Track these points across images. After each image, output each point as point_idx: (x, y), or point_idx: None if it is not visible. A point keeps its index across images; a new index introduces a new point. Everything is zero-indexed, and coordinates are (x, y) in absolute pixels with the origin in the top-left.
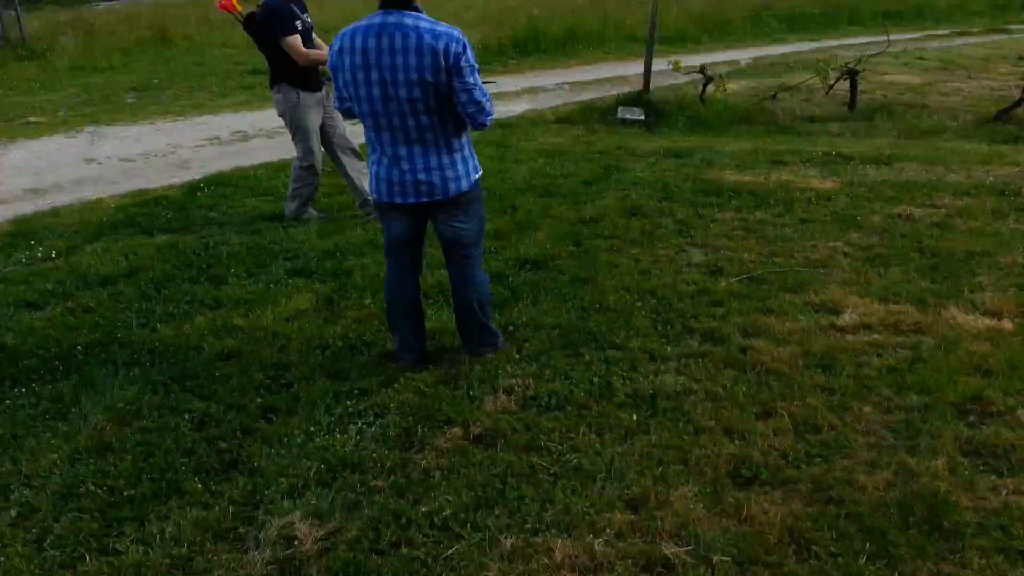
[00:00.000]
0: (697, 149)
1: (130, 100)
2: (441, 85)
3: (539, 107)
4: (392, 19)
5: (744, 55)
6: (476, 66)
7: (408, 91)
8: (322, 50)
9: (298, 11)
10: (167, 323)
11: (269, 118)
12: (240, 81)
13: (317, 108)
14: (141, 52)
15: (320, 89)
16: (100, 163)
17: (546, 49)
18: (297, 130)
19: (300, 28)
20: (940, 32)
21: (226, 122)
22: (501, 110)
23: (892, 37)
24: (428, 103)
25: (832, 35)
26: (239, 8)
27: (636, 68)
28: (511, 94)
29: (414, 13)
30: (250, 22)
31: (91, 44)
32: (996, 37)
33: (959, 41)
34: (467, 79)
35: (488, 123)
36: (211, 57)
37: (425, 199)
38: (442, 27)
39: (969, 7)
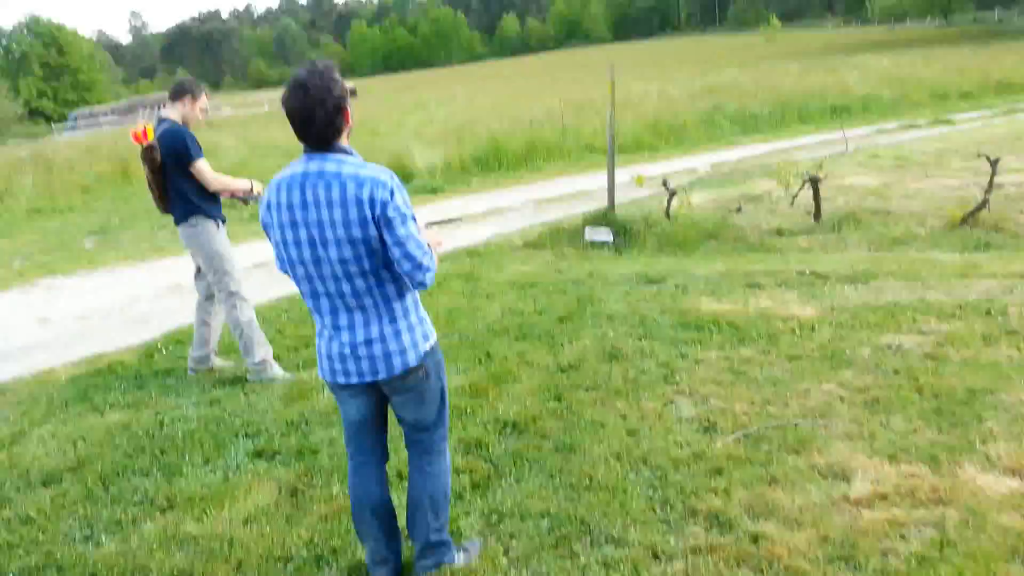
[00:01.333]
0: (670, 273)
1: (88, 246)
2: (372, 240)
3: (506, 230)
4: (314, 166)
5: (701, 161)
6: (409, 213)
7: (337, 250)
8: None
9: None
10: (113, 534)
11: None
12: None
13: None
14: (101, 190)
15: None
16: (54, 322)
17: (508, 165)
18: (216, 258)
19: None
20: (889, 126)
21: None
22: (469, 235)
23: (840, 134)
24: (361, 263)
25: (784, 134)
26: (152, 139)
27: (597, 181)
28: (477, 216)
29: (338, 156)
30: (149, 152)
31: (51, 182)
32: (943, 129)
33: (908, 135)
34: (397, 231)
35: (428, 282)
36: None
37: (368, 378)
38: (368, 170)
39: (911, 98)
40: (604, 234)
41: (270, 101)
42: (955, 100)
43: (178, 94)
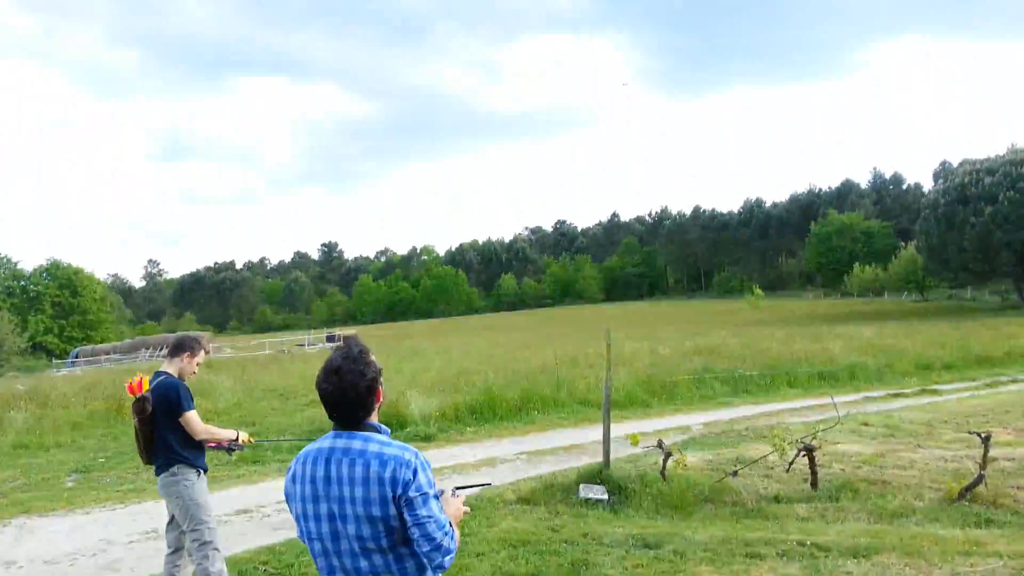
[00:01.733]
0: (667, 537)
1: (69, 484)
2: (391, 519)
3: (499, 482)
4: (341, 443)
5: (694, 420)
6: (431, 493)
7: (356, 527)
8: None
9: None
10: None
11: (213, 503)
12: None
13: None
14: (92, 427)
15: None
16: (21, 566)
17: (502, 415)
18: (193, 506)
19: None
20: (876, 394)
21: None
22: (461, 483)
23: (829, 400)
24: (379, 541)
25: (774, 398)
26: (146, 390)
27: (591, 435)
28: (469, 466)
29: (364, 434)
30: (141, 404)
31: (42, 418)
32: (930, 399)
33: (897, 404)
34: (417, 511)
35: (447, 564)
36: None
37: None
38: (392, 448)
39: (897, 368)
40: (599, 492)
41: (271, 344)
42: (939, 371)
43: (177, 350)
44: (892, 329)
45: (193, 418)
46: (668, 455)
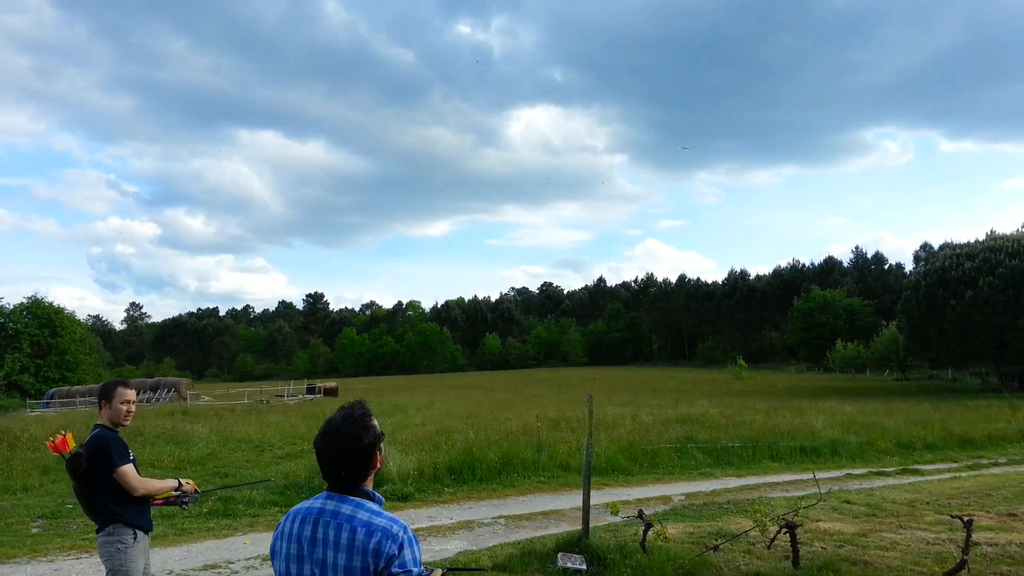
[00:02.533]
0: None
1: (35, 529)
2: None
3: (475, 547)
4: (331, 505)
5: (675, 490)
6: (416, 571)
7: None
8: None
9: (128, 447)
10: None
11: (180, 557)
12: (160, 509)
13: (145, 553)
14: (62, 470)
15: (152, 527)
16: None
17: (482, 477)
18: (119, 572)
19: (132, 459)
20: (858, 471)
21: None
22: (436, 548)
23: (811, 475)
24: None
25: (756, 471)
26: (72, 447)
27: (571, 501)
28: (446, 528)
29: (356, 500)
30: (75, 461)
31: (11, 460)
32: (912, 479)
33: (879, 483)
34: None
35: None
36: None
37: None
38: (382, 520)
39: (878, 445)
40: (578, 561)
41: (250, 394)
42: (920, 451)
43: (99, 399)
44: (873, 407)
45: (127, 473)
46: (649, 526)
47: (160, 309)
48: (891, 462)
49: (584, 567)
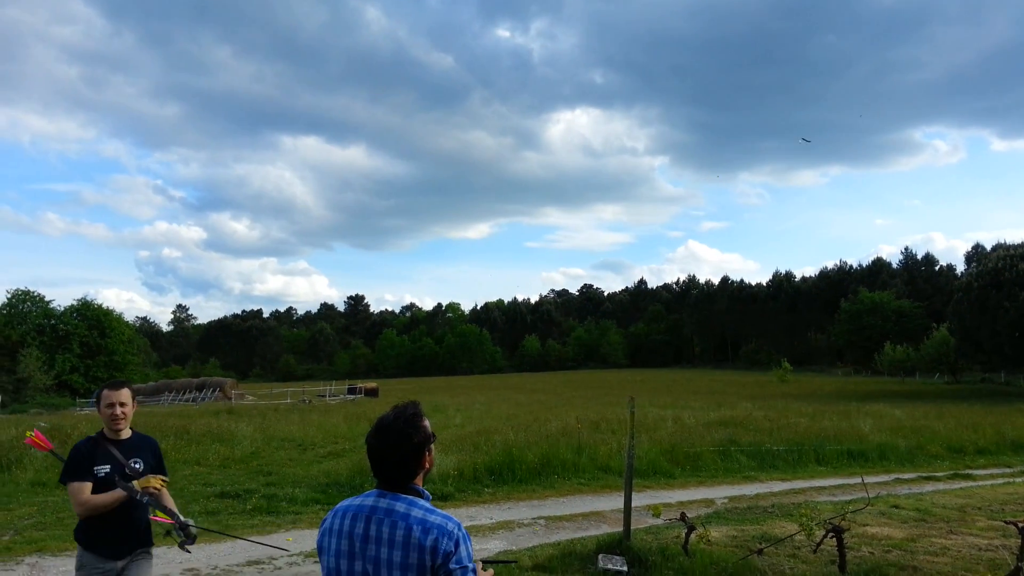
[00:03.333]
0: None
1: None
2: None
3: (515, 547)
4: (384, 504)
5: (718, 493)
6: (471, 567)
7: None
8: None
9: (111, 456)
10: None
11: (224, 553)
12: (204, 505)
13: None
14: None
15: (121, 557)
16: None
17: (521, 478)
18: None
19: (97, 475)
20: (907, 476)
21: (178, 556)
22: (476, 548)
23: (859, 479)
24: None
25: (801, 474)
26: (51, 445)
27: (611, 503)
28: (486, 528)
29: (409, 498)
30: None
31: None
32: (963, 484)
33: (928, 487)
34: None
35: None
36: (180, 476)
37: None
38: (436, 517)
39: (928, 450)
40: (619, 563)
41: (293, 394)
42: (972, 455)
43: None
44: (923, 410)
45: (72, 491)
46: (691, 528)
47: (206, 311)
48: (941, 467)
49: (625, 569)
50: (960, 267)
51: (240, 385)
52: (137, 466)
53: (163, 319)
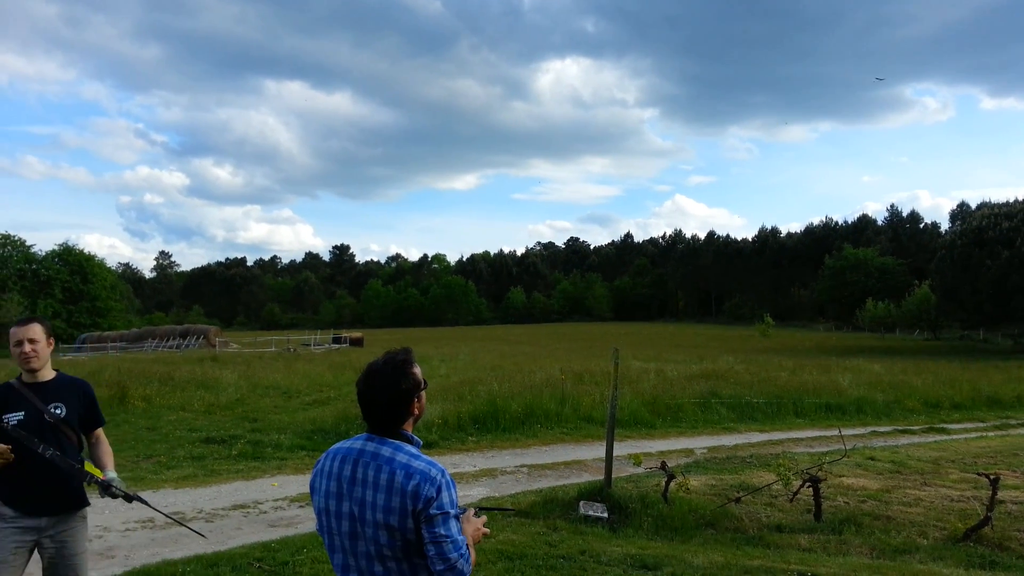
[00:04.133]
0: (666, 560)
1: None
2: (408, 531)
3: (498, 494)
4: (371, 447)
5: (698, 443)
6: (452, 513)
7: (374, 531)
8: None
9: (24, 401)
10: None
11: (210, 496)
12: (190, 451)
13: (21, 537)
14: None
15: (42, 514)
16: None
17: (505, 427)
18: None
19: (8, 423)
20: (883, 429)
21: (164, 500)
22: (459, 494)
23: (836, 432)
24: (395, 550)
25: (779, 426)
26: None
27: (593, 452)
28: (469, 475)
29: (396, 443)
30: None
31: None
32: (938, 438)
33: (904, 440)
34: (437, 529)
35: None
36: (165, 422)
37: None
38: (420, 463)
39: (905, 404)
40: (599, 510)
41: (277, 343)
42: (948, 410)
43: None
44: (902, 365)
45: None
46: (671, 477)
47: (189, 258)
48: (918, 420)
49: (606, 515)
50: (945, 225)
51: (224, 333)
52: (58, 411)
53: (146, 266)
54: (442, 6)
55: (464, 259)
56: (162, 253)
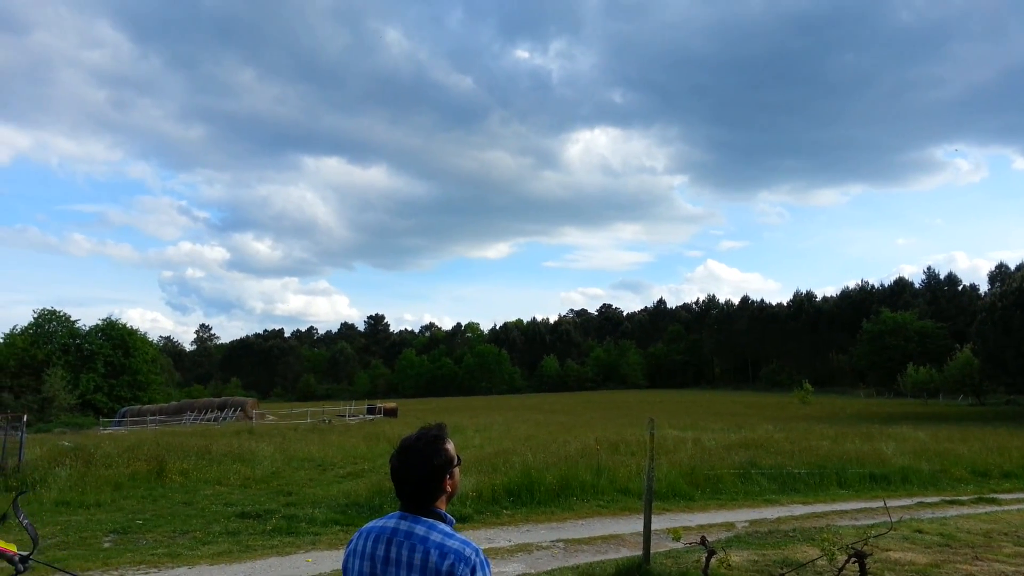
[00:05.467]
0: None
1: (107, 544)
2: None
3: (533, 570)
4: (404, 525)
5: (739, 516)
6: None
7: None
8: None
9: None
10: None
11: (244, 572)
12: (226, 526)
13: None
14: (133, 487)
15: None
16: None
17: (540, 499)
18: None
19: None
20: (930, 500)
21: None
22: (494, 571)
23: (881, 503)
24: None
25: (823, 498)
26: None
27: (630, 526)
28: (504, 551)
29: (429, 521)
30: None
31: (85, 476)
32: (989, 509)
33: (952, 512)
34: None
35: None
36: (201, 496)
37: None
38: (455, 542)
39: (952, 473)
40: None
41: (313, 414)
42: (997, 479)
43: None
44: (947, 432)
45: None
46: (711, 553)
47: (228, 331)
48: (966, 491)
49: None
50: (983, 287)
51: (261, 405)
52: None
53: (186, 338)
54: (473, 83)
55: (497, 327)
56: (202, 326)
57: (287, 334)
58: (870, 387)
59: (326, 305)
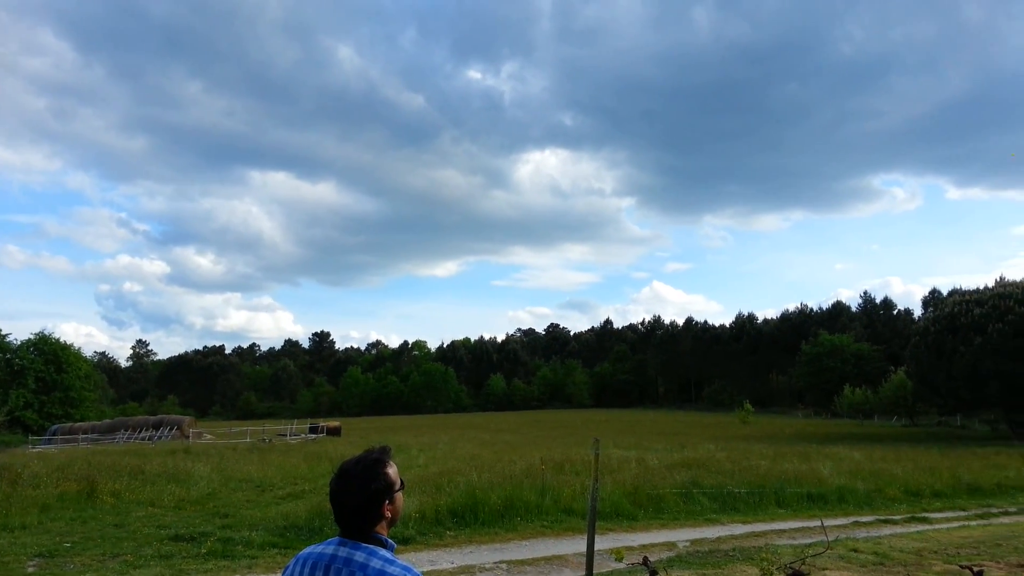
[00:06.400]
0: None
1: (31, 569)
2: None
3: None
4: (343, 552)
5: (680, 536)
6: None
7: None
8: None
9: None
10: None
11: None
12: (158, 549)
13: None
14: (62, 508)
15: None
16: None
17: (484, 520)
18: None
19: None
20: (865, 519)
21: None
22: None
23: (818, 523)
24: None
25: (762, 517)
26: None
27: (574, 546)
28: (446, 573)
29: (369, 547)
30: None
31: (11, 497)
32: (920, 528)
33: (886, 531)
34: None
35: None
36: (134, 519)
37: None
38: (396, 568)
39: (886, 493)
40: None
41: (252, 432)
42: (929, 498)
43: None
44: (881, 453)
45: None
46: (654, 573)
47: (166, 346)
48: (899, 510)
49: None
50: (917, 311)
51: (199, 423)
52: None
53: (122, 354)
54: (425, 101)
55: (444, 346)
56: (139, 342)
57: (228, 351)
58: (808, 408)
59: (269, 321)
